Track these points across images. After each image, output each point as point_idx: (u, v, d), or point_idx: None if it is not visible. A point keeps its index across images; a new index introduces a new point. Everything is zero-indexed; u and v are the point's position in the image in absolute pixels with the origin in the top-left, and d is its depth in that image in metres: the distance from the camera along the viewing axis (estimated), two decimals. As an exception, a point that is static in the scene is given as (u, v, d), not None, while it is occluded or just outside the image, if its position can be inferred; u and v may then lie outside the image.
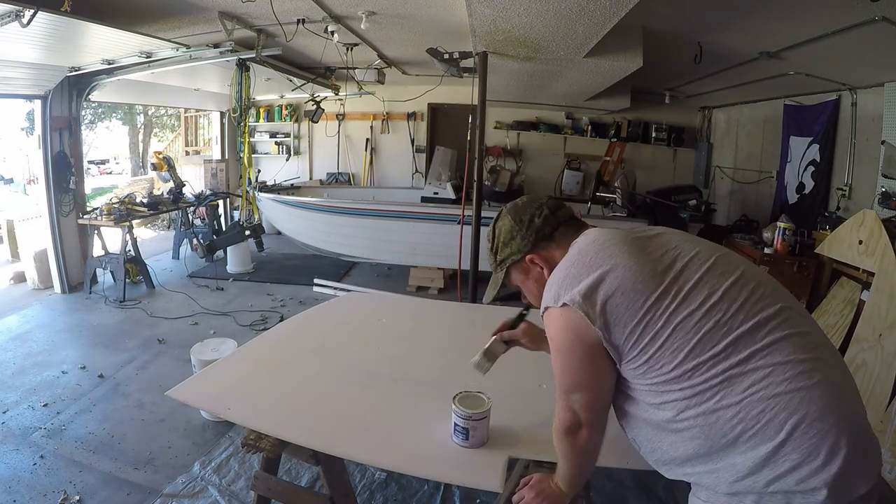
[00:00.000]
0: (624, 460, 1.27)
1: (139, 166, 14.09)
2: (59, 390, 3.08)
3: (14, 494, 2.19)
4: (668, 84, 5.61)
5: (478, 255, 3.82)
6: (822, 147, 4.45)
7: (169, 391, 1.59)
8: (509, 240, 1.17)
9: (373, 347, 2.03)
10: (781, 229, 3.86)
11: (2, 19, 2.79)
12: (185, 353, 3.10)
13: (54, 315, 4.36)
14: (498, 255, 1.20)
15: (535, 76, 4.48)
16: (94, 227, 4.87)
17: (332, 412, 1.55)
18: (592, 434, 1.05)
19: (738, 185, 6.15)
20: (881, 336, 3.02)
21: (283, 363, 1.85)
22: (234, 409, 1.52)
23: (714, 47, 3.51)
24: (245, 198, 5.51)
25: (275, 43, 4.21)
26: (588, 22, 2.67)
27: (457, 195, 5.68)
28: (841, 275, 3.62)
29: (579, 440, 1.06)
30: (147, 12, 3.50)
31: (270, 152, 7.93)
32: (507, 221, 1.18)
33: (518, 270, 1.19)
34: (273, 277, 5.55)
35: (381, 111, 7.47)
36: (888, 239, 3.09)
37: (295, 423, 1.48)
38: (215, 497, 2.20)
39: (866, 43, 2.87)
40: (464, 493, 2.20)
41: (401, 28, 3.78)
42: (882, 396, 2.86)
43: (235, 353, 2.04)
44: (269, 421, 1.48)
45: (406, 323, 2.32)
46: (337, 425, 1.48)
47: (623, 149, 7.06)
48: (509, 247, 1.17)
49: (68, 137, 4.78)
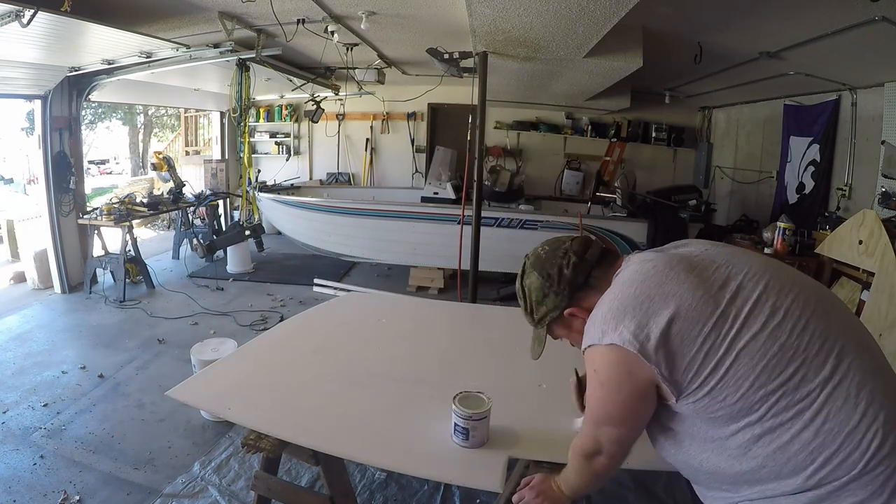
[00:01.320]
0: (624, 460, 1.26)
1: (139, 166, 14.09)
2: (59, 390, 3.08)
3: (14, 494, 2.19)
4: (668, 84, 5.62)
5: (478, 255, 3.82)
6: (822, 147, 4.45)
7: (169, 391, 1.59)
8: (542, 298, 1.07)
9: (373, 347, 2.03)
10: (781, 229, 3.86)
11: (2, 19, 2.79)
12: (185, 353, 3.10)
13: (54, 315, 4.36)
14: (534, 314, 1.11)
15: (535, 76, 4.48)
16: (94, 227, 4.87)
17: (332, 412, 1.55)
18: (611, 464, 1.03)
19: (738, 185, 6.15)
20: (881, 336, 3.02)
21: (283, 363, 1.85)
22: (234, 409, 1.52)
23: (714, 47, 3.51)
24: (245, 198, 5.52)
25: (275, 43, 4.21)
26: (588, 22, 2.67)
27: (457, 195, 5.68)
28: (841, 275, 3.62)
29: (595, 466, 1.04)
30: (147, 12, 3.50)
31: (270, 152, 7.93)
32: (535, 279, 1.08)
33: (559, 325, 1.10)
34: (273, 277, 5.54)
35: (381, 111, 7.47)
36: (888, 239, 3.09)
37: (295, 423, 1.48)
38: (215, 497, 2.20)
39: (866, 43, 2.87)
40: (464, 493, 2.20)
41: (401, 28, 3.78)
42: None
43: (235, 354, 2.04)
44: (269, 421, 1.48)
45: (406, 323, 2.32)
46: (337, 425, 1.48)
47: (623, 149, 7.06)
48: (544, 305, 1.08)
49: (68, 137, 4.78)
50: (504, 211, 5.09)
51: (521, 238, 4.86)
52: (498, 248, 4.81)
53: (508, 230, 4.88)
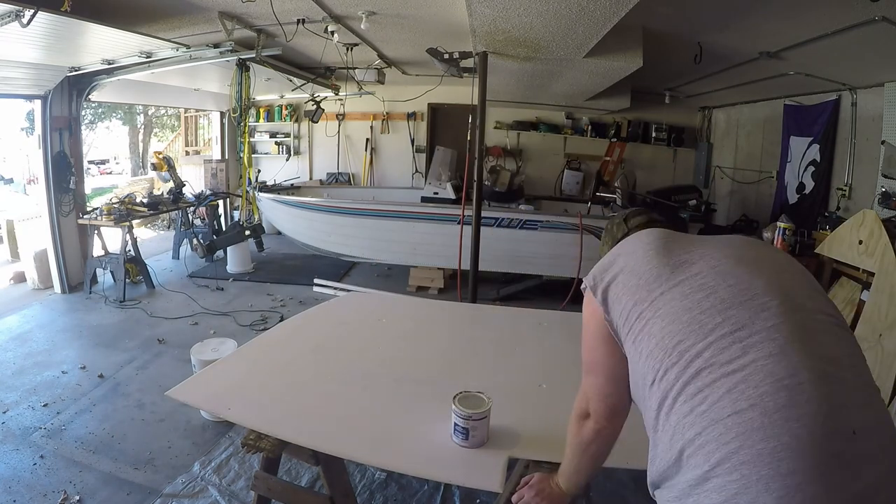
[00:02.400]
0: (624, 460, 1.26)
1: (139, 166, 14.09)
2: (59, 390, 3.08)
3: (14, 494, 2.19)
4: (668, 84, 5.62)
5: (478, 255, 3.82)
6: (822, 147, 4.45)
7: (169, 391, 1.59)
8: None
9: (373, 348, 2.03)
10: (781, 229, 3.85)
11: (2, 19, 2.79)
12: (185, 353, 3.10)
13: (54, 315, 4.36)
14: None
15: (535, 76, 4.48)
16: (94, 227, 4.87)
17: (331, 412, 1.55)
18: (597, 430, 1.03)
19: (738, 185, 6.15)
20: (881, 336, 3.02)
21: (283, 363, 1.85)
22: (234, 409, 1.51)
23: (714, 47, 3.51)
24: (245, 198, 5.52)
25: (275, 43, 4.21)
26: (588, 22, 2.67)
27: (457, 195, 5.68)
28: (841, 275, 3.62)
29: (583, 432, 1.06)
30: (147, 12, 3.50)
31: (270, 152, 7.93)
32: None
33: None
34: (273, 277, 5.55)
35: (381, 111, 7.47)
36: (888, 239, 3.09)
37: (294, 423, 1.48)
38: (215, 497, 2.20)
39: (866, 43, 2.87)
40: (464, 493, 2.20)
41: (401, 28, 3.78)
42: (882, 397, 2.86)
43: (235, 354, 2.04)
44: (268, 421, 1.48)
45: (406, 323, 2.32)
46: (337, 425, 1.48)
47: (623, 149, 7.06)
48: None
49: (68, 137, 4.78)
50: (504, 211, 5.09)
51: (521, 238, 4.86)
52: (498, 248, 4.81)
53: (508, 230, 4.87)
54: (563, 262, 4.85)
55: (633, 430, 1.05)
